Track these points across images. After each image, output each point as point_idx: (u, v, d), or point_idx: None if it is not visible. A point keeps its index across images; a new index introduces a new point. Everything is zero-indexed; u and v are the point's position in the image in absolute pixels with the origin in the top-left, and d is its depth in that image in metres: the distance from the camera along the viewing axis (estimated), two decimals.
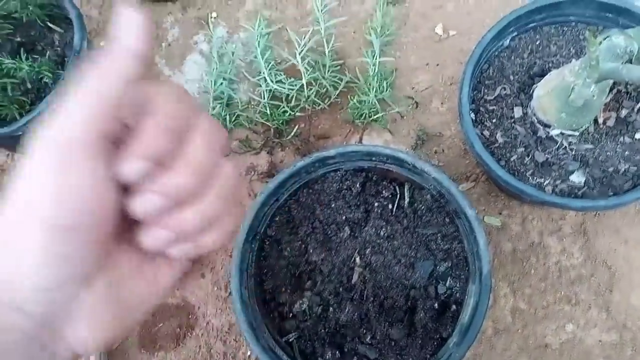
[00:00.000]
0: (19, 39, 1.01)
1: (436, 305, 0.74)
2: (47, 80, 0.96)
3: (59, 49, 1.01)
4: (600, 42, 0.60)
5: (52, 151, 0.28)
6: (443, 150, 1.03)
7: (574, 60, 0.79)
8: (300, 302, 0.77)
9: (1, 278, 0.29)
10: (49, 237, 0.29)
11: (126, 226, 0.33)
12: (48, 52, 1.00)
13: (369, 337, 0.75)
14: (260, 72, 1.07)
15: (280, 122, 1.06)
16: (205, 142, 0.31)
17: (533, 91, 0.81)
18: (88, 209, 0.29)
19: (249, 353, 0.98)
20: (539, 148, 0.79)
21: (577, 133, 0.78)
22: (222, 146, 0.33)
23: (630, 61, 0.63)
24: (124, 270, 0.34)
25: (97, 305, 0.32)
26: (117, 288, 0.33)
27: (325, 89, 1.07)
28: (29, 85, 0.96)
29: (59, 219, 0.29)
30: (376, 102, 1.03)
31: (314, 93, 1.06)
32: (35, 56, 0.99)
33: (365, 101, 1.03)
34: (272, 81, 1.06)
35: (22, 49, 0.98)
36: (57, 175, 0.28)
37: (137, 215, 0.31)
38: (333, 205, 0.81)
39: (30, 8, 0.98)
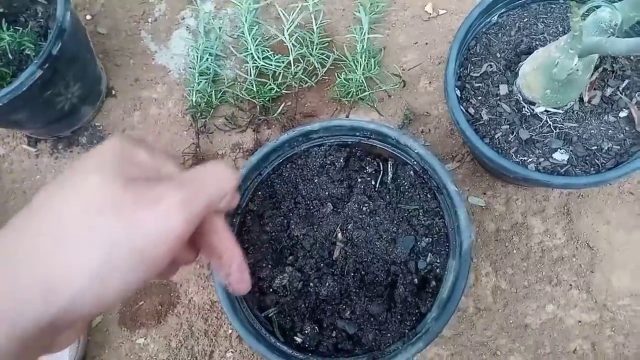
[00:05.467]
0: (1, 10, 0.99)
1: (416, 280, 0.74)
2: (29, 52, 0.95)
3: (42, 20, 0.99)
4: (584, 14, 0.59)
5: (191, 218, 0.35)
6: (430, 130, 1.02)
7: (561, 37, 0.78)
8: (281, 277, 0.77)
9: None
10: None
11: None
12: (30, 24, 0.98)
13: (348, 312, 0.74)
14: (247, 49, 1.06)
15: (267, 99, 1.05)
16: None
17: (519, 69, 0.80)
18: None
19: (230, 331, 0.97)
20: (523, 126, 0.78)
21: (561, 111, 0.78)
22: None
23: (613, 35, 0.63)
24: None
25: None
26: None
27: (312, 66, 1.06)
28: (10, 57, 0.94)
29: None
30: (363, 80, 1.02)
31: (301, 70, 1.05)
32: (17, 27, 0.97)
33: (352, 79, 1.02)
34: (259, 58, 1.05)
35: (3, 20, 0.96)
36: (178, 244, 0.35)
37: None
38: (316, 181, 0.80)
39: None
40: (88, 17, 1.17)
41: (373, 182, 0.80)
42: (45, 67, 0.88)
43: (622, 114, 0.77)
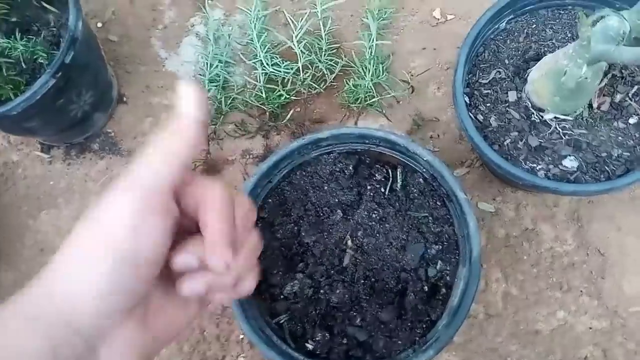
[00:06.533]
0: (14, 19, 1.00)
1: (426, 287, 0.75)
2: (41, 61, 0.96)
3: (54, 29, 1.00)
4: (593, 23, 0.59)
5: (135, 196, 0.33)
6: (438, 136, 1.02)
7: (569, 44, 0.78)
8: (292, 284, 0.77)
9: (66, 302, 0.33)
10: (118, 269, 0.33)
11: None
12: (43, 33, 0.99)
13: (358, 319, 0.75)
14: (256, 55, 1.07)
15: (276, 105, 1.06)
16: (242, 220, 0.37)
17: (528, 75, 0.80)
18: (152, 253, 0.34)
19: (241, 336, 0.98)
20: (532, 132, 0.78)
21: (571, 118, 0.78)
22: (253, 221, 0.40)
23: (622, 43, 0.63)
24: (156, 303, 0.38)
25: (131, 331, 0.36)
26: (148, 317, 0.38)
27: (321, 73, 1.06)
28: (23, 66, 0.96)
29: (130, 255, 0.33)
30: (372, 86, 1.02)
31: (310, 77, 1.05)
32: (30, 36, 0.98)
33: (361, 85, 1.02)
34: (268, 64, 1.06)
35: (17, 29, 0.97)
36: (136, 218, 0.33)
37: (177, 268, 0.37)
38: (326, 188, 0.81)
39: None
40: (99, 24, 1.18)
41: (382, 190, 0.80)
42: (58, 76, 0.90)
43: (632, 120, 0.77)
